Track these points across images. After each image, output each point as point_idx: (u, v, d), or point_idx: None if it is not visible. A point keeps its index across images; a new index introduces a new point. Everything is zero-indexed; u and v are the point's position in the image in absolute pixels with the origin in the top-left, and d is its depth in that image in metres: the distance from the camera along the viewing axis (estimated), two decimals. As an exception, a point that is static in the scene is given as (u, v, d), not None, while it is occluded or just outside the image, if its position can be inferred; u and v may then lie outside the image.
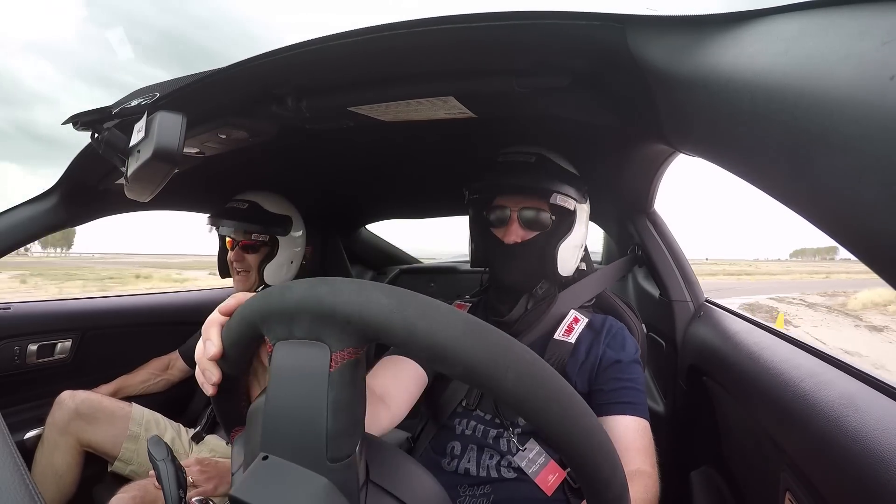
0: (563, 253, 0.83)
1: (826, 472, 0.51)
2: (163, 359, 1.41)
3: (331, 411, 0.31)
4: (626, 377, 0.78)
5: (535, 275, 0.86)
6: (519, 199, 0.84)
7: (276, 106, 0.69)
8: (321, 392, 0.31)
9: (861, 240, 0.24)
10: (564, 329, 0.84)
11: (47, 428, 1.11)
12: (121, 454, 1.12)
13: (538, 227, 0.84)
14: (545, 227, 0.84)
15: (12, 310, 1.27)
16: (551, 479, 0.74)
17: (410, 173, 1.32)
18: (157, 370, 1.38)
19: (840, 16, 0.26)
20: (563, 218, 0.85)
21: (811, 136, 0.25)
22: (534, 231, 0.84)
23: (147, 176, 0.63)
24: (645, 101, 0.49)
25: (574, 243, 0.85)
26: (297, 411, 0.31)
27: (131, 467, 1.13)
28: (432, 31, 0.49)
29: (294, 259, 1.31)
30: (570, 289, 0.90)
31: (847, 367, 0.61)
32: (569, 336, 0.83)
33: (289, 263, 1.30)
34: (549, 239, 0.84)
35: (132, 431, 1.14)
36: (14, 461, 0.46)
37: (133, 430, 1.14)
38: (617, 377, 0.78)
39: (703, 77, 0.36)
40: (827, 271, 73.10)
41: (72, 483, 1.10)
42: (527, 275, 0.85)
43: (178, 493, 0.53)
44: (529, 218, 0.84)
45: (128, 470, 1.13)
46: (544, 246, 0.84)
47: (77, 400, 1.12)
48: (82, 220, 1.14)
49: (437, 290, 1.71)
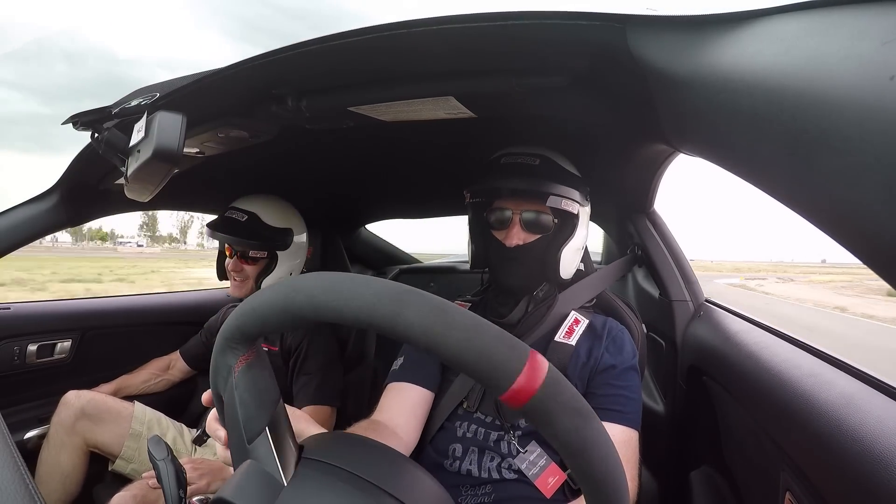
0: (566, 256, 0.83)
1: (826, 472, 0.51)
2: (164, 359, 1.41)
3: (239, 403, 0.39)
4: (619, 384, 0.78)
5: (536, 278, 0.85)
6: (521, 202, 0.83)
7: (276, 106, 0.69)
8: (232, 391, 0.39)
9: (861, 240, 0.24)
10: (565, 331, 0.84)
11: (53, 427, 1.11)
12: (122, 452, 1.12)
13: (540, 229, 0.83)
14: (547, 229, 0.84)
15: (12, 310, 1.27)
16: (551, 481, 0.74)
17: (410, 173, 1.32)
18: (157, 370, 1.38)
19: (840, 16, 0.26)
20: (566, 221, 0.84)
21: (811, 137, 0.25)
22: (535, 234, 0.83)
23: (147, 176, 0.63)
24: (645, 102, 0.49)
25: (576, 246, 0.85)
26: (229, 409, 0.39)
27: (132, 466, 1.13)
28: (432, 31, 0.49)
29: (294, 270, 1.28)
30: (571, 289, 0.90)
31: (847, 367, 0.61)
32: (569, 338, 0.82)
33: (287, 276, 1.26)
34: (551, 242, 0.83)
35: (134, 430, 1.15)
36: (14, 461, 0.46)
37: (135, 429, 1.15)
38: (610, 383, 0.78)
39: (702, 77, 0.36)
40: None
41: (77, 483, 1.10)
42: (528, 278, 0.84)
43: (179, 492, 0.53)
44: (531, 221, 0.83)
45: (129, 468, 1.13)
46: (546, 249, 0.83)
47: (83, 400, 1.12)
48: (82, 220, 1.14)
49: (436, 289, 1.70)
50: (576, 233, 0.84)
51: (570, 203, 0.81)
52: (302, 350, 1.18)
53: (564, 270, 0.83)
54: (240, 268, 1.20)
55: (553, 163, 0.84)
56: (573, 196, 0.81)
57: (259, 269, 1.21)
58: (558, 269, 0.82)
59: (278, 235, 1.22)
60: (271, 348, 1.19)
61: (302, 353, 1.17)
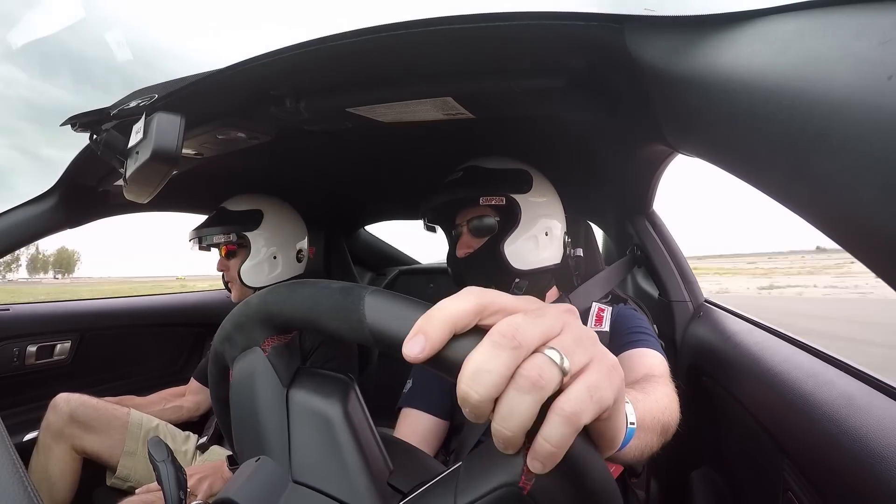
0: (514, 247, 0.83)
1: (826, 472, 0.51)
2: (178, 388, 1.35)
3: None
4: (635, 326, 0.82)
5: (495, 278, 0.85)
6: (464, 214, 0.88)
7: (274, 107, 0.69)
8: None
9: (860, 240, 0.24)
10: (594, 321, 0.87)
11: (41, 432, 1.06)
12: (118, 471, 1.07)
13: (485, 232, 0.86)
14: (493, 229, 0.86)
15: (11, 311, 1.27)
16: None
17: (409, 174, 1.32)
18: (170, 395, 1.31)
19: (838, 16, 0.26)
20: (506, 214, 0.85)
21: (809, 137, 0.25)
22: (483, 237, 0.86)
23: (145, 177, 0.62)
24: (643, 102, 0.49)
25: (529, 233, 0.85)
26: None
27: (129, 484, 1.08)
28: (430, 32, 0.49)
29: (278, 255, 1.19)
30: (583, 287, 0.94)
31: (847, 367, 0.61)
32: (600, 325, 0.86)
33: (270, 260, 1.18)
34: (497, 239, 0.84)
35: (129, 448, 1.08)
36: (13, 463, 0.45)
37: (129, 447, 1.08)
38: (628, 329, 0.82)
39: (700, 77, 0.36)
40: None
41: (65, 490, 1.04)
42: (487, 280, 0.84)
43: (179, 493, 0.53)
44: (475, 227, 0.87)
45: (126, 486, 1.08)
46: (492, 247, 0.84)
47: (73, 404, 1.06)
48: (81, 221, 1.14)
49: (436, 290, 1.71)
50: (520, 221, 0.84)
51: (492, 198, 0.82)
52: (320, 352, 1.15)
53: (520, 260, 0.83)
54: (226, 266, 1.19)
55: (476, 169, 0.88)
56: (497, 190, 0.83)
57: (241, 260, 1.17)
58: (507, 260, 0.83)
59: (243, 217, 1.17)
60: None
61: (320, 355, 1.15)
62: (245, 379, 0.39)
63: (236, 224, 1.16)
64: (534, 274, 0.86)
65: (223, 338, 0.41)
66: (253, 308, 0.38)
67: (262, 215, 1.20)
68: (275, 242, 1.20)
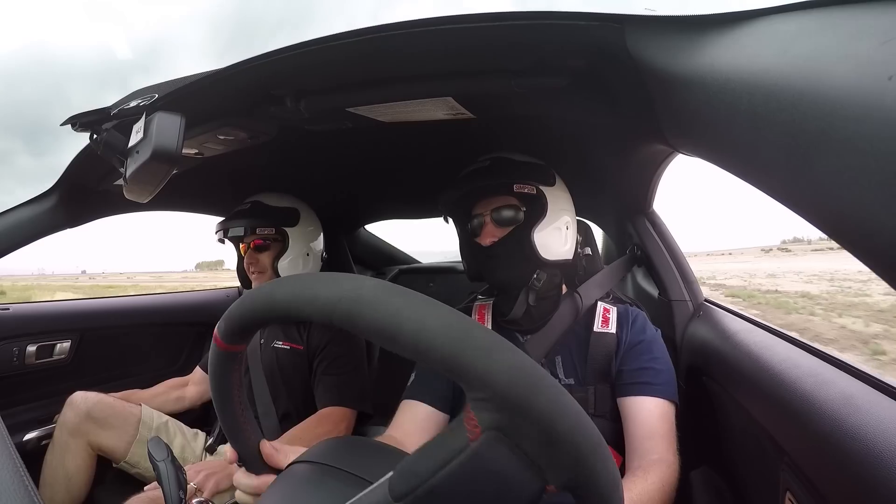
0: (542, 238, 0.84)
1: (826, 472, 0.51)
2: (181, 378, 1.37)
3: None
4: (647, 356, 0.80)
5: (521, 267, 0.86)
6: (487, 203, 0.87)
7: (274, 107, 0.69)
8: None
9: (860, 240, 0.24)
10: (601, 320, 0.87)
11: (58, 429, 1.10)
12: (129, 457, 1.10)
13: (511, 222, 0.86)
14: (518, 220, 0.86)
15: (11, 311, 1.27)
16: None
17: (409, 174, 1.32)
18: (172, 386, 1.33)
19: (838, 15, 0.26)
20: (533, 205, 0.86)
21: (809, 137, 0.25)
22: (508, 227, 0.86)
23: (146, 177, 0.62)
24: (643, 102, 0.49)
25: (554, 225, 0.86)
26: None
27: (137, 469, 1.11)
28: (431, 32, 0.49)
29: (310, 252, 1.26)
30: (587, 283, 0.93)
31: (847, 366, 0.61)
32: (607, 327, 0.86)
33: (304, 256, 1.24)
34: (524, 229, 0.85)
35: (142, 435, 1.12)
36: (14, 463, 0.45)
37: (143, 434, 1.12)
38: (638, 356, 0.80)
39: (701, 77, 0.36)
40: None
41: (82, 485, 1.08)
42: (513, 269, 0.85)
43: (179, 493, 0.53)
44: (500, 216, 0.86)
45: (133, 471, 1.12)
46: (520, 236, 0.85)
47: (89, 402, 1.10)
48: (82, 220, 1.14)
49: (435, 289, 1.71)
50: (547, 213, 0.85)
51: (524, 186, 0.83)
52: (327, 350, 1.16)
53: (547, 251, 0.84)
54: (255, 259, 1.20)
55: (504, 159, 0.88)
56: (527, 179, 0.84)
57: (274, 254, 1.21)
58: (536, 250, 0.83)
59: (284, 213, 1.23)
60: (296, 347, 1.17)
61: (327, 354, 1.16)
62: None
63: (279, 219, 1.21)
64: (553, 266, 0.87)
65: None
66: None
67: (298, 214, 1.25)
68: (309, 240, 1.27)
